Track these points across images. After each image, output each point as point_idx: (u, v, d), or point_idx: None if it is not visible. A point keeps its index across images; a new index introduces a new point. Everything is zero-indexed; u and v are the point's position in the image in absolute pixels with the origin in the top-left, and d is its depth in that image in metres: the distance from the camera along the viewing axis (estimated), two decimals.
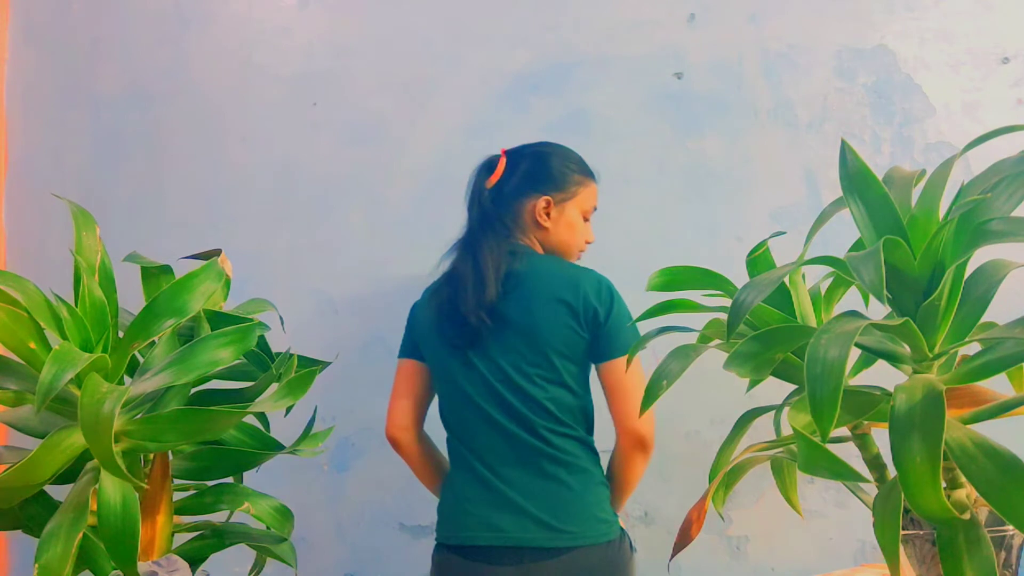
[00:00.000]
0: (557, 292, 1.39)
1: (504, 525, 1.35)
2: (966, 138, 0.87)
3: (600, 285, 1.42)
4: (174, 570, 1.11)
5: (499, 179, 1.50)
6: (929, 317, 0.77)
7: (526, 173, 1.50)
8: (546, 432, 1.37)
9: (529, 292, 1.40)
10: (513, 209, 1.49)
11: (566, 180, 1.50)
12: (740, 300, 0.77)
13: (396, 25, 1.99)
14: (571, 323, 1.38)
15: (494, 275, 1.39)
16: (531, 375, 1.38)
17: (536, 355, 1.38)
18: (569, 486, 1.36)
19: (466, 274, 1.42)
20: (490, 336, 1.39)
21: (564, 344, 1.38)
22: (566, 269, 1.44)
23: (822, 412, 0.65)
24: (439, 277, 1.50)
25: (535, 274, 1.41)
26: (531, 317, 1.38)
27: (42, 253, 1.99)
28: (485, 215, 1.48)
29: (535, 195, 1.48)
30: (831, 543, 1.76)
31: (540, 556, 1.33)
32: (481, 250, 1.43)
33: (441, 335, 1.44)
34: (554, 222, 1.49)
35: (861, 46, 1.88)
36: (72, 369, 1.02)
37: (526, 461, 1.37)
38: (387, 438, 1.50)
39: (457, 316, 1.41)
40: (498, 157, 1.53)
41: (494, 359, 1.39)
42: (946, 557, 0.69)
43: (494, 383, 1.39)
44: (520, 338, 1.38)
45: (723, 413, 1.79)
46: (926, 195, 0.83)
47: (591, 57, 1.94)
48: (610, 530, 1.37)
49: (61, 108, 2.04)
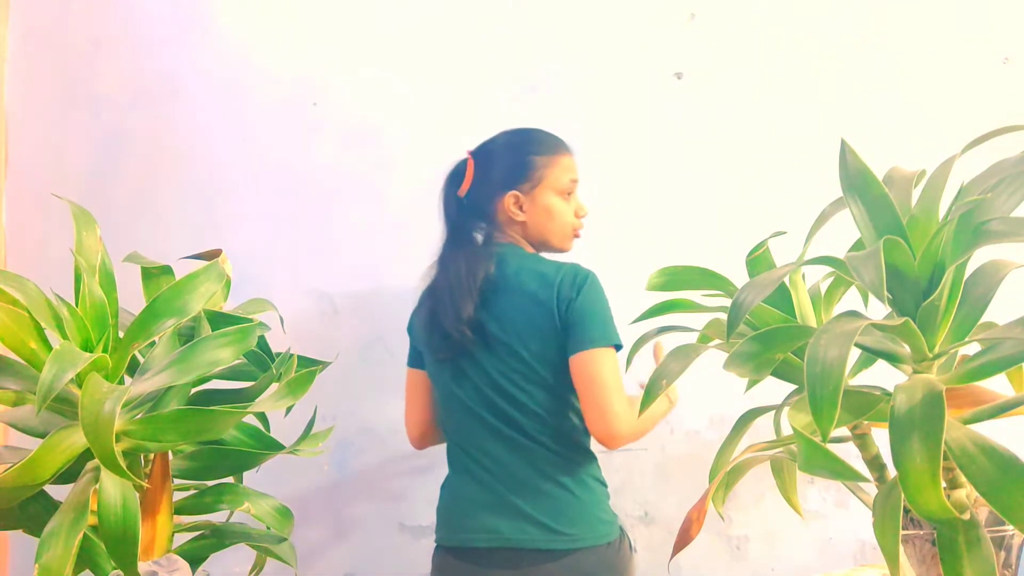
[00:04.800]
0: (532, 293, 1.37)
1: (502, 527, 1.35)
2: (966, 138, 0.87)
3: (576, 276, 1.37)
4: (174, 570, 1.11)
5: (470, 185, 1.48)
6: (929, 317, 0.77)
7: (488, 173, 1.47)
8: (540, 435, 1.36)
9: (506, 297, 1.38)
10: (488, 212, 1.48)
11: (527, 168, 1.45)
12: (740, 300, 0.77)
13: (396, 25, 1.99)
14: (548, 322, 1.36)
15: (468, 287, 1.38)
16: (518, 381, 1.37)
17: (518, 361, 1.36)
18: (567, 488, 1.36)
19: (443, 288, 1.42)
20: (475, 347, 1.38)
21: (544, 345, 1.36)
22: (545, 267, 1.40)
23: (822, 412, 0.65)
24: (426, 287, 1.49)
25: (515, 276, 1.39)
26: (510, 323, 1.37)
27: (42, 253, 1.99)
28: (457, 226, 1.48)
29: (501, 193, 1.46)
30: (831, 543, 1.76)
31: (539, 558, 1.32)
32: (456, 262, 1.42)
33: (430, 347, 1.45)
34: (528, 214, 1.46)
35: (861, 46, 1.88)
36: (72, 369, 1.02)
37: (523, 465, 1.37)
38: (413, 447, 1.59)
39: (441, 329, 1.40)
40: (465, 162, 1.50)
41: (483, 367, 1.38)
42: (946, 557, 0.69)
43: (486, 390, 1.38)
44: (502, 346, 1.37)
45: (723, 413, 1.80)
46: (926, 195, 0.83)
47: (591, 57, 1.94)
48: (610, 531, 1.37)
49: (61, 108, 2.04)
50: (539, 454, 1.36)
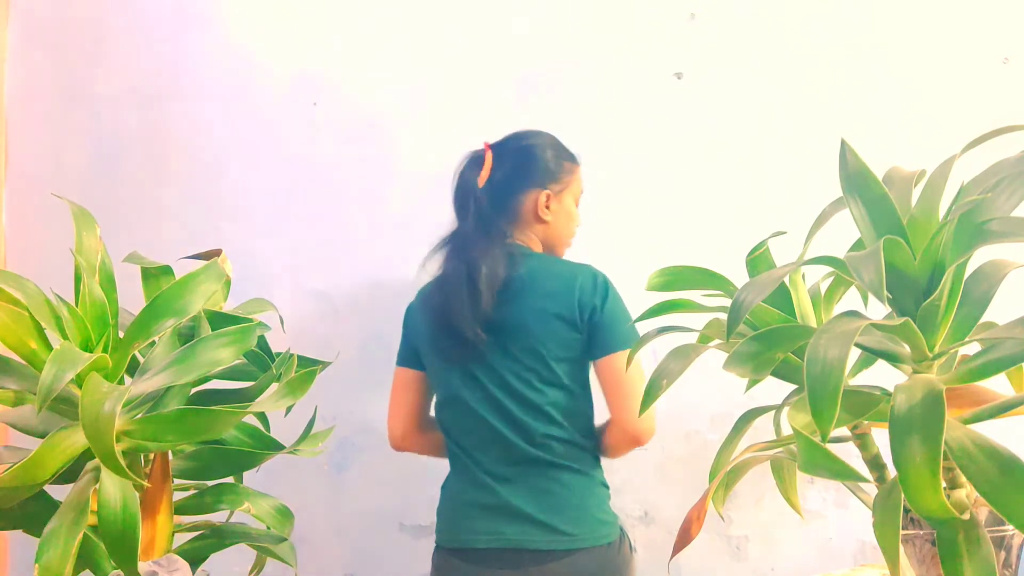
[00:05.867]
0: (552, 294, 1.38)
1: (504, 528, 1.35)
2: (966, 138, 0.87)
3: (596, 280, 1.40)
4: (174, 570, 1.11)
5: (488, 176, 1.46)
6: (929, 317, 0.77)
7: (519, 168, 1.46)
8: (546, 439, 1.37)
9: (525, 297, 1.38)
10: (510, 207, 1.46)
11: (560, 170, 1.48)
12: (740, 300, 0.77)
13: (396, 25, 1.99)
14: (567, 324, 1.37)
15: (488, 284, 1.36)
16: (530, 380, 1.37)
17: (535, 360, 1.37)
18: (569, 488, 1.36)
19: (459, 283, 1.38)
20: (488, 347, 1.37)
21: (561, 346, 1.37)
22: (562, 268, 1.42)
23: (822, 412, 0.65)
24: (431, 281, 1.47)
25: (531, 277, 1.39)
26: (528, 323, 1.37)
27: (42, 253, 1.99)
28: (481, 216, 1.44)
29: (534, 190, 1.46)
30: (831, 543, 1.76)
31: (540, 559, 1.32)
32: (475, 256, 1.38)
33: (436, 347, 1.42)
34: (555, 215, 1.48)
35: (861, 46, 1.88)
36: (73, 369, 1.02)
37: (526, 467, 1.37)
38: (392, 447, 1.54)
39: (452, 329, 1.38)
40: (482, 152, 1.49)
41: (493, 367, 1.38)
42: (946, 557, 0.69)
43: (494, 391, 1.38)
44: (518, 345, 1.37)
45: (723, 413, 1.80)
46: (926, 195, 0.83)
47: (591, 57, 1.94)
48: (610, 532, 1.37)
49: (61, 108, 2.04)
50: (541, 458, 1.36)
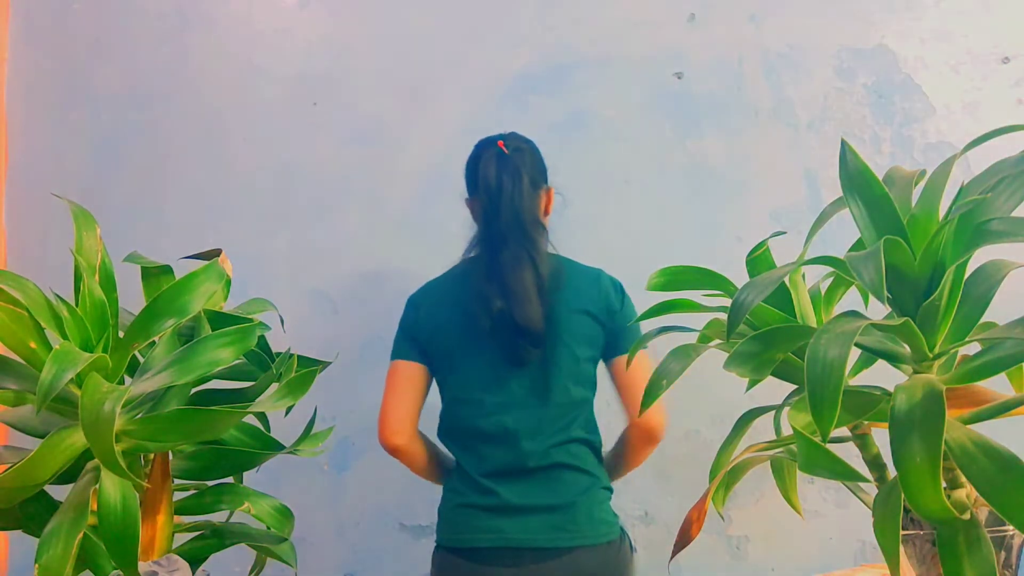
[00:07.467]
0: (583, 295, 1.41)
1: (505, 527, 1.35)
2: (966, 138, 0.87)
3: (614, 284, 1.45)
4: (174, 570, 1.11)
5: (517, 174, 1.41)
6: (929, 317, 0.77)
7: (535, 166, 1.46)
8: (564, 442, 1.38)
9: (560, 299, 1.39)
10: (535, 204, 1.44)
11: (545, 172, 1.51)
12: (740, 300, 0.77)
13: (396, 25, 1.99)
14: (596, 321, 1.40)
15: (536, 288, 1.35)
16: (563, 381, 1.38)
17: (568, 358, 1.38)
18: (571, 488, 1.36)
19: (519, 282, 1.35)
20: (529, 351, 1.37)
21: (588, 344, 1.40)
22: (583, 268, 1.46)
23: (822, 412, 0.65)
24: (455, 276, 1.45)
25: (562, 280, 1.41)
26: (566, 321, 1.38)
27: (42, 253, 1.99)
28: (517, 213, 1.38)
29: (546, 187, 1.48)
30: (831, 543, 1.76)
31: (541, 556, 1.33)
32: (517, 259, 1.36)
33: (476, 347, 1.39)
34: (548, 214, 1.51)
35: (861, 46, 1.88)
36: (72, 369, 1.02)
37: (531, 469, 1.37)
38: (385, 446, 1.42)
39: (503, 335, 1.35)
40: (502, 150, 1.43)
41: (529, 369, 1.38)
42: (946, 557, 0.69)
43: (521, 392, 1.38)
44: (553, 343, 1.37)
45: (723, 413, 1.80)
46: (926, 195, 0.83)
47: (591, 57, 1.94)
48: (611, 530, 1.37)
49: (61, 108, 2.04)
50: (556, 459, 1.37)
